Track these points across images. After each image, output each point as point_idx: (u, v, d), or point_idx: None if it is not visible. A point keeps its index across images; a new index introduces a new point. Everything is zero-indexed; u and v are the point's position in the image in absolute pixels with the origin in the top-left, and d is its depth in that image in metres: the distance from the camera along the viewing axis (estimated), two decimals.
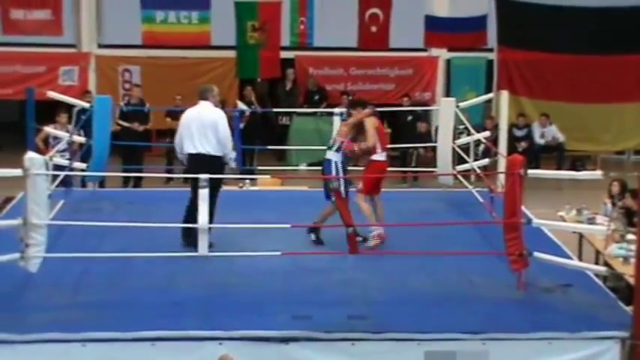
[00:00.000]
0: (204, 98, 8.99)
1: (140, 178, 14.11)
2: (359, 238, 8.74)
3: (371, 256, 8.10)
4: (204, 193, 7.66)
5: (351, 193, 9.15)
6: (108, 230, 8.56)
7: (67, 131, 11.86)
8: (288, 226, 8.76)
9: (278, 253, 8.16)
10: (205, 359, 6.72)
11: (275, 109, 16.71)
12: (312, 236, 9.07)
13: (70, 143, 11.16)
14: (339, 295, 7.66)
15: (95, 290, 7.67)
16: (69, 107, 12.68)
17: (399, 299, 7.62)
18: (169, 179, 14.89)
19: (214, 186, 8.29)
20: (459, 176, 11.02)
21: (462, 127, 11.51)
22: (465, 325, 7.13)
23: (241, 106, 16.05)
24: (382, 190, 9.44)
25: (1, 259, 7.36)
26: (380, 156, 9.21)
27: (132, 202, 10.56)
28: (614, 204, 10.71)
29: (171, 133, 15.82)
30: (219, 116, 8.85)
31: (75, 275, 7.90)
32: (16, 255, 7.36)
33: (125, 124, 14.76)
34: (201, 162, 8.68)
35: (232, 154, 9.15)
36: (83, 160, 11.10)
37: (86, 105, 11.39)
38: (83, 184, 11.74)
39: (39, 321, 6.99)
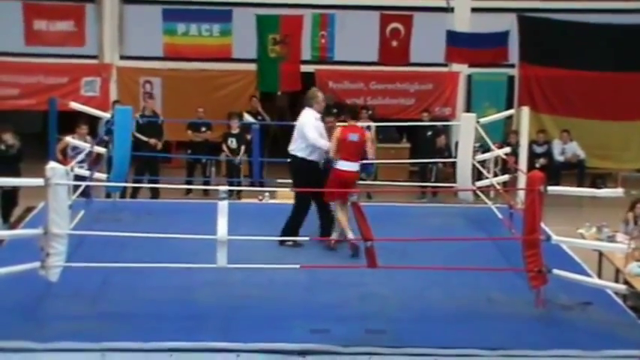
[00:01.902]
0: (309, 105, 9.44)
1: (157, 189, 14.08)
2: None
3: (389, 270, 8.09)
4: (223, 205, 7.66)
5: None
6: (127, 241, 8.58)
7: (86, 142, 11.88)
8: (307, 238, 8.84)
9: (297, 266, 8.19)
10: None
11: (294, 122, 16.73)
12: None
13: (89, 154, 11.19)
14: (357, 309, 7.66)
15: (114, 300, 7.71)
16: (90, 118, 12.75)
17: (417, 314, 7.61)
18: (189, 191, 14.98)
19: (311, 186, 8.98)
20: (479, 192, 10.99)
21: (477, 144, 11.46)
22: (483, 341, 7.10)
23: (247, 117, 15.99)
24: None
25: (22, 268, 7.40)
26: (339, 165, 9.17)
27: (152, 213, 10.61)
28: (636, 222, 10.68)
29: (191, 145, 16.03)
30: (308, 124, 9.27)
31: (95, 285, 7.94)
32: (37, 264, 7.41)
33: (142, 137, 14.61)
34: (294, 163, 9.41)
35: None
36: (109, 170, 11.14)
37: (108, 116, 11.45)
38: (108, 195, 11.79)
39: (59, 330, 7.03)
